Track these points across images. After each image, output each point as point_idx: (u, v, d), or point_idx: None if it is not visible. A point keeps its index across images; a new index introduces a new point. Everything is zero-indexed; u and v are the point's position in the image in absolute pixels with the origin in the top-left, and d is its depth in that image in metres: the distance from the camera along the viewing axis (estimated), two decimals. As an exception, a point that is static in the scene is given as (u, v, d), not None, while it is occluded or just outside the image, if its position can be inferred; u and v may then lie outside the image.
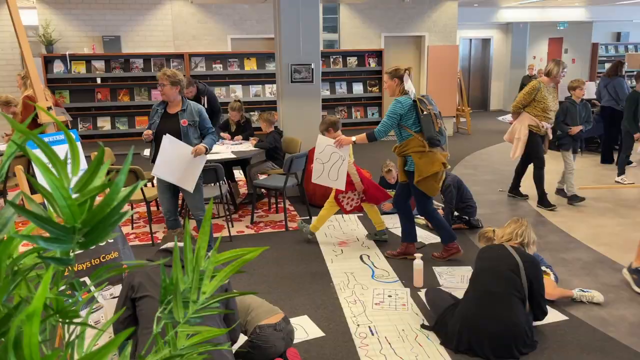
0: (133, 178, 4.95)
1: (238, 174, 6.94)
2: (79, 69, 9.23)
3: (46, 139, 2.93)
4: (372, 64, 10.27)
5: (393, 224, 5.53)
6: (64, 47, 9.30)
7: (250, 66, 9.87)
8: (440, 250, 4.61)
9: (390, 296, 3.94)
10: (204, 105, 6.33)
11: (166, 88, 4.23)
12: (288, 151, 6.19)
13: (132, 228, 5.53)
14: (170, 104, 4.38)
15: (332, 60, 10.06)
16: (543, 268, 3.52)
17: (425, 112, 4.25)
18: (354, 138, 4.63)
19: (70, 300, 0.81)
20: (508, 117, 10.91)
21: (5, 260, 0.69)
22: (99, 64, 9.39)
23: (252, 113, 9.59)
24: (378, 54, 10.27)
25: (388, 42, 10.62)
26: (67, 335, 0.78)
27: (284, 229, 5.39)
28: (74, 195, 0.69)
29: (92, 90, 9.36)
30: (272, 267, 4.46)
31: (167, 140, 4.23)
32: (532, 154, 5.92)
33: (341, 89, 10.23)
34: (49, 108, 2.97)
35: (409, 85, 4.35)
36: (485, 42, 14.97)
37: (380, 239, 5.05)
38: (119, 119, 9.52)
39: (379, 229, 5.06)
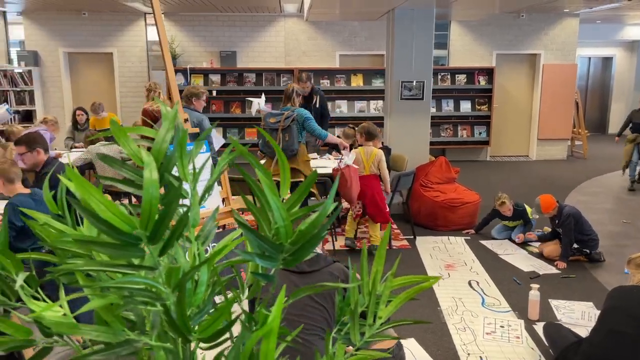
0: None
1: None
2: (197, 81, 9.83)
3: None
4: (482, 81, 9.95)
5: (504, 250, 5.29)
6: (185, 61, 9.96)
7: (357, 82, 9.96)
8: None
9: (502, 327, 3.74)
10: (314, 105, 6.49)
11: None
12: (394, 168, 6.14)
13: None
14: None
15: (440, 77, 9.89)
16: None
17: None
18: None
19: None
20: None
21: (209, 270, 0.73)
22: (216, 78, 9.95)
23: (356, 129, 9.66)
24: (489, 72, 9.94)
25: (500, 59, 10.25)
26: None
27: (387, 247, 5.33)
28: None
29: (207, 102, 9.93)
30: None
31: None
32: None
33: (448, 107, 10.02)
34: (186, 120, 3.17)
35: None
36: (606, 60, 13.97)
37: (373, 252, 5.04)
38: (230, 130, 10.00)
39: (372, 243, 5.10)
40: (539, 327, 3.62)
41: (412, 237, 5.64)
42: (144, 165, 0.67)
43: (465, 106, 10.04)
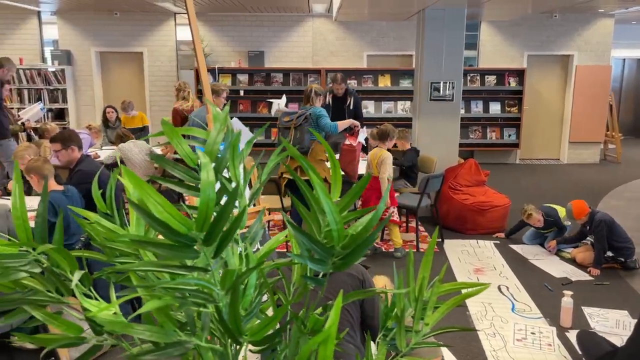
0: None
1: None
2: (225, 81, 9.91)
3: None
4: (512, 83, 9.79)
5: (534, 255, 5.19)
6: (214, 61, 10.04)
7: (384, 83, 9.91)
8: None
9: (533, 333, 3.67)
10: (348, 106, 6.48)
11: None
12: (423, 170, 6.08)
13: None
14: None
15: (469, 78, 9.76)
16: None
17: None
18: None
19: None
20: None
21: (256, 271, 0.72)
22: (243, 77, 10.01)
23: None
24: (519, 73, 9.77)
25: (531, 61, 10.06)
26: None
27: (415, 250, 5.28)
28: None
29: (235, 102, 9.99)
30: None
31: None
32: None
33: (477, 108, 9.88)
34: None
35: None
36: (642, 62, 13.59)
37: (394, 255, 5.07)
38: (257, 130, 10.05)
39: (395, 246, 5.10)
40: (572, 335, 3.54)
41: (440, 240, 5.58)
42: (200, 166, 0.66)
43: (495, 108, 9.89)
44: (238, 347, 0.75)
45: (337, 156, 6.03)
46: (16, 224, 0.78)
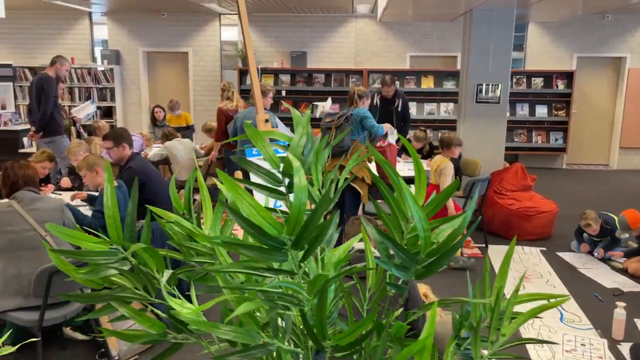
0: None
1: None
2: (268, 81, 10.00)
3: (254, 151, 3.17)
4: (561, 86, 9.51)
5: (583, 263, 5.03)
6: (257, 61, 10.14)
7: (427, 84, 9.79)
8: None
9: (583, 345, 3.55)
10: (397, 108, 6.42)
11: None
12: (466, 173, 5.98)
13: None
14: None
15: (515, 80, 9.54)
16: None
17: None
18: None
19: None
20: None
21: (331, 274, 0.72)
22: (285, 78, 10.08)
23: (430, 135, 9.50)
24: (568, 76, 9.49)
25: (581, 63, 9.75)
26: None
27: (458, 254, 5.19)
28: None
29: (277, 102, 10.07)
30: (444, 294, 4.30)
31: None
32: None
33: (522, 111, 9.65)
34: (267, 120, 3.23)
35: None
36: (698, 64, 12.99)
37: (455, 266, 4.82)
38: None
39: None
40: (624, 348, 3.42)
41: (484, 245, 5.47)
42: (292, 170, 0.67)
43: (541, 111, 9.64)
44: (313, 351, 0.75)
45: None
46: (107, 222, 0.80)
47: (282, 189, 0.78)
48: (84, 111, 7.07)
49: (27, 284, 3.00)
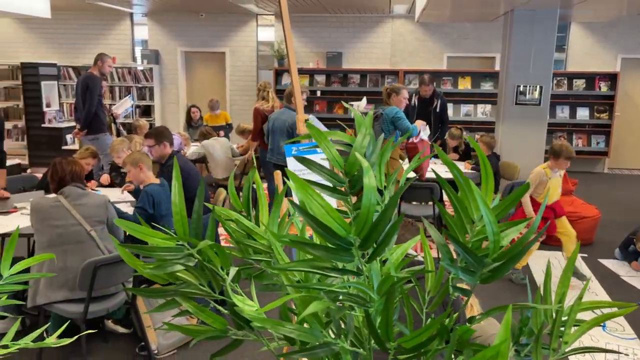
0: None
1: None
2: (303, 81, 10.04)
3: (302, 148, 3.18)
4: (604, 87, 9.24)
5: (627, 271, 4.87)
6: (292, 61, 10.21)
7: (464, 85, 9.66)
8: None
9: (627, 355, 3.45)
10: (435, 109, 6.36)
11: None
12: (505, 177, 5.88)
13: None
14: None
15: (555, 81, 9.32)
16: None
17: None
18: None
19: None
20: None
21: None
22: (321, 78, 10.10)
23: (467, 136, 9.37)
24: (612, 77, 9.20)
25: (626, 64, 9.45)
26: None
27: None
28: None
29: (312, 102, 10.10)
30: (486, 304, 4.22)
31: None
32: None
33: (562, 113, 9.41)
34: (307, 120, 3.24)
35: None
36: None
37: (513, 280, 4.57)
38: (334, 130, 10.09)
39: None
40: (672, 360, 3.30)
41: (522, 249, 5.36)
42: (355, 171, 0.67)
43: (583, 113, 9.39)
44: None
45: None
46: (175, 219, 0.82)
47: (343, 188, 0.78)
48: (123, 107, 7.23)
49: (73, 276, 3.08)
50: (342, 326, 0.75)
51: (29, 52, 10.61)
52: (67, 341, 1.19)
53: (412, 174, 4.96)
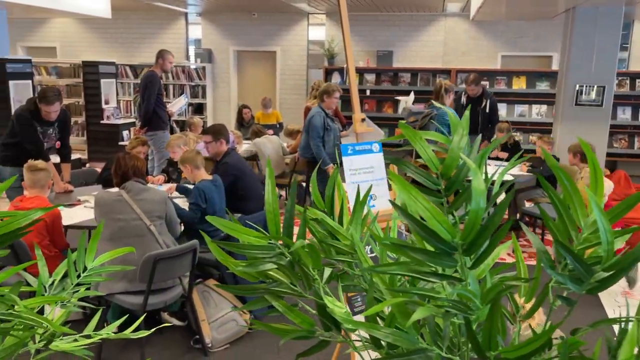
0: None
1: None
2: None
3: (358, 148, 3.16)
4: (669, 88, 8.78)
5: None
6: (342, 60, 10.19)
7: (519, 85, 9.38)
8: None
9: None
10: (484, 108, 6.21)
11: None
12: (563, 180, 5.66)
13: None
14: None
15: (616, 81, 8.91)
16: None
17: None
18: None
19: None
20: None
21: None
22: (370, 77, 10.03)
23: (516, 134, 9.10)
24: (678, 77, 8.74)
25: (693, 63, 8.96)
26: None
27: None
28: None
29: (361, 101, 10.05)
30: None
31: None
32: None
33: (624, 115, 9.00)
34: (363, 120, 3.22)
35: None
36: None
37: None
38: (382, 129, 10.03)
39: None
40: None
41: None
42: (451, 172, 0.65)
43: (646, 115, 8.95)
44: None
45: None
46: (268, 217, 0.82)
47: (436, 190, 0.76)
48: (177, 105, 7.40)
49: (132, 269, 3.18)
50: (438, 333, 0.73)
51: (89, 51, 11.04)
52: (145, 333, 1.23)
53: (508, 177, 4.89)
